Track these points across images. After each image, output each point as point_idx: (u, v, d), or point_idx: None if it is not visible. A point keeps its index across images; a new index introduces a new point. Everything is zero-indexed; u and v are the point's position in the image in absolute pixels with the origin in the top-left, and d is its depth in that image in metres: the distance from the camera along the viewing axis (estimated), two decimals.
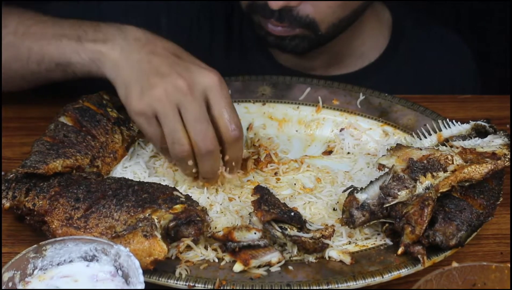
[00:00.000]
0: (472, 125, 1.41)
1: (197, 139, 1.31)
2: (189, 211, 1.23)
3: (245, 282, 1.18)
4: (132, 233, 1.19)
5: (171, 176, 1.42)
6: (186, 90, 1.31)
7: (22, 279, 1.07)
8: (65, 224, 1.23)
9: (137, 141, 1.47)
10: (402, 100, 1.57)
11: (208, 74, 1.33)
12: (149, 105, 1.31)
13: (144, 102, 1.31)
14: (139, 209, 1.24)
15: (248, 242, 1.21)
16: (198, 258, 1.23)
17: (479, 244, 1.32)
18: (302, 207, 1.35)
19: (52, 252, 1.09)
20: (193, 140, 1.31)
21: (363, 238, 1.29)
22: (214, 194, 1.38)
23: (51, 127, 1.41)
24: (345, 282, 1.18)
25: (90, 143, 1.40)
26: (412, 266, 1.21)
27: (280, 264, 1.22)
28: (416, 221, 1.20)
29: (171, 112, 1.30)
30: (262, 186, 1.32)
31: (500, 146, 1.31)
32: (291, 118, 1.58)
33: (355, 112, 1.57)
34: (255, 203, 1.26)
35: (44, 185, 1.29)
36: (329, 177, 1.43)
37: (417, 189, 1.23)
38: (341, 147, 1.52)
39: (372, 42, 1.81)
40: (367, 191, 1.27)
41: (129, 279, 1.08)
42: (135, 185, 1.29)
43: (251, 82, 1.62)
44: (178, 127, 1.31)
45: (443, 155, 1.27)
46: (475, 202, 1.27)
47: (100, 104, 1.46)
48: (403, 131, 1.52)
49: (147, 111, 1.32)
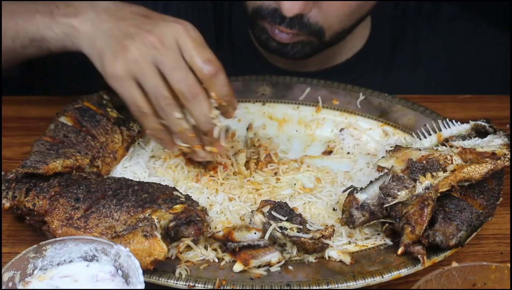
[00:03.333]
0: (472, 125, 1.41)
1: (180, 87, 1.30)
2: (189, 211, 1.23)
3: (245, 282, 1.18)
4: (132, 233, 1.19)
5: (171, 176, 1.42)
6: (157, 44, 1.31)
7: (22, 279, 1.07)
8: (65, 224, 1.23)
9: (137, 141, 1.47)
10: (402, 100, 1.58)
11: (174, 25, 1.33)
12: (124, 67, 1.31)
13: (119, 65, 1.31)
14: (139, 209, 1.24)
15: (248, 242, 1.21)
16: (198, 258, 1.23)
17: (479, 244, 1.32)
18: (302, 207, 1.35)
19: (52, 252, 1.09)
20: (177, 90, 1.30)
21: (363, 238, 1.29)
22: (214, 194, 1.38)
23: (51, 127, 1.41)
24: (345, 282, 1.18)
25: (90, 143, 1.40)
26: (412, 266, 1.21)
27: (280, 264, 1.22)
28: (416, 221, 1.20)
29: (148, 69, 1.30)
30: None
31: (500, 146, 1.32)
32: (291, 118, 1.58)
33: (355, 112, 1.57)
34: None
35: (44, 185, 1.29)
36: (329, 177, 1.43)
37: (417, 189, 1.23)
38: (341, 147, 1.52)
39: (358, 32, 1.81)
40: (367, 191, 1.28)
41: (129, 279, 1.08)
42: (135, 185, 1.30)
43: (251, 82, 1.62)
44: (158, 82, 1.31)
45: (442, 155, 1.27)
46: (475, 202, 1.27)
47: (100, 104, 1.46)
48: (403, 131, 1.52)
49: (123, 73, 1.31)
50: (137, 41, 1.31)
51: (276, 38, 1.61)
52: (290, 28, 1.58)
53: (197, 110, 1.31)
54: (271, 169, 1.45)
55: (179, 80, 1.30)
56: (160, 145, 1.42)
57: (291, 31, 1.58)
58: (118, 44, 1.33)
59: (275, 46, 1.64)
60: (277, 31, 1.60)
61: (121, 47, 1.32)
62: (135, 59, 1.31)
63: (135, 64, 1.31)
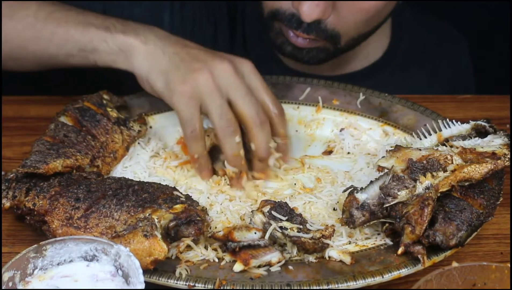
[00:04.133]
0: (472, 125, 1.41)
1: (251, 112, 1.35)
2: (189, 211, 1.23)
3: (245, 282, 1.18)
4: (132, 233, 1.19)
5: (171, 176, 1.42)
6: (232, 71, 1.36)
7: (22, 279, 1.07)
8: (65, 224, 1.23)
9: (137, 141, 1.47)
10: (402, 100, 1.57)
11: (246, 61, 1.40)
12: (193, 86, 1.34)
13: (189, 83, 1.34)
14: (139, 209, 1.24)
15: (248, 242, 1.21)
16: (198, 258, 1.23)
17: (479, 244, 1.32)
18: (302, 207, 1.35)
19: (52, 252, 1.09)
20: (246, 115, 1.35)
21: (363, 238, 1.29)
22: (214, 194, 1.38)
23: (51, 127, 1.41)
24: (345, 282, 1.18)
25: (90, 143, 1.40)
26: (412, 266, 1.21)
27: (280, 264, 1.22)
28: (416, 221, 1.20)
29: (217, 91, 1.34)
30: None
31: (500, 146, 1.31)
32: (291, 118, 1.57)
33: (355, 112, 1.57)
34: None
35: (44, 185, 1.29)
36: (329, 177, 1.43)
37: (417, 189, 1.23)
38: (341, 147, 1.52)
39: (375, 42, 1.81)
40: (367, 191, 1.28)
41: (129, 279, 1.08)
42: (135, 185, 1.30)
43: None
44: (224, 104, 1.35)
45: (442, 155, 1.27)
46: (475, 202, 1.27)
47: (100, 104, 1.46)
48: (403, 131, 1.52)
49: (190, 92, 1.34)
50: (211, 66, 1.35)
51: (292, 42, 1.61)
52: (307, 33, 1.57)
53: (260, 137, 1.36)
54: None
55: (250, 106, 1.35)
56: (197, 172, 1.42)
57: (308, 36, 1.58)
58: (189, 65, 1.36)
59: (290, 50, 1.64)
60: (293, 35, 1.60)
61: (192, 69, 1.35)
62: (206, 80, 1.34)
63: (205, 85, 1.34)
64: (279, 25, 1.61)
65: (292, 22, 1.57)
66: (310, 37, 1.58)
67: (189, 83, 1.34)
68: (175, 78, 1.36)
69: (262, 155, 1.38)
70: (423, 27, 1.89)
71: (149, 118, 1.53)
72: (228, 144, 1.36)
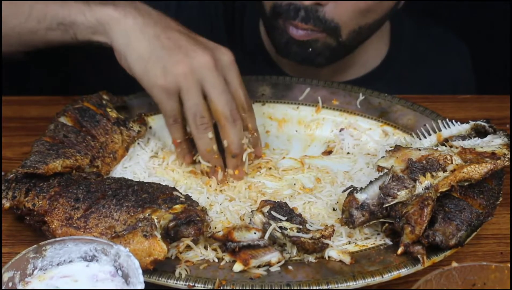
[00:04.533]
0: (471, 125, 1.41)
1: (224, 109, 1.36)
2: (189, 211, 1.23)
3: (245, 282, 1.18)
4: (132, 233, 1.19)
5: (171, 176, 1.42)
6: (211, 66, 1.36)
7: (22, 279, 1.07)
8: (65, 224, 1.23)
9: (137, 141, 1.47)
10: (402, 100, 1.58)
11: (226, 52, 1.40)
12: (174, 81, 1.35)
13: (169, 78, 1.35)
14: (139, 209, 1.24)
15: (248, 242, 1.21)
16: (198, 258, 1.23)
17: (479, 244, 1.32)
18: (302, 207, 1.35)
19: (52, 252, 1.09)
20: (220, 111, 1.36)
21: (363, 238, 1.29)
22: (214, 194, 1.38)
23: (51, 127, 1.41)
24: (345, 282, 1.18)
25: (90, 143, 1.40)
26: (412, 266, 1.21)
27: (280, 264, 1.22)
28: (416, 221, 1.20)
29: (194, 87, 1.35)
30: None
31: (499, 146, 1.31)
32: (291, 118, 1.58)
33: (355, 112, 1.57)
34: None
35: (44, 185, 1.29)
36: (329, 177, 1.43)
37: (417, 189, 1.23)
38: (341, 147, 1.52)
39: (374, 49, 1.82)
40: (367, 191, 1.28)
41: (129, 279, 1.08)
42: (135, 185, 1.30)
43: (251, 82, 1.62)
44: (200, 100, 1.36)
45: (442, 155, 1.27)
46: (475, 202, 1.27)
47: (100, 104, 1.46)
48: (403, 131, 1.52)
49: (171, 87, 1.35)
50: (192, 58, 1.36)
51: (293, 36, 1.62)
52: (305, 22, 1.58)
53: (233, 133, 1.38)
54: (264, 162, 1.46)
55: (225, 103, 1.37)
56: (179, 157, 1.45)
57: (306, 26, 1.59)
58: (170, 56, 1.36)
59: (296, 49, 1.65)
60: (292, 28, 1.61)
61: (174, 61, 1.35)
62: (186, 75, 1.35)
63: (184, 80, 1.35)
64: (282, 22, 1.62)
65: (290, 11, 1.58)
66: (309, 27, 1.59)
67: (169, 78, 1.35)
68: (156, 71, 1.36)
69: (235, 151, 1.40)
70: (422, 35, 1.89)
71: (149, 119, 1.53)
72: (201, 140, 1.39)
